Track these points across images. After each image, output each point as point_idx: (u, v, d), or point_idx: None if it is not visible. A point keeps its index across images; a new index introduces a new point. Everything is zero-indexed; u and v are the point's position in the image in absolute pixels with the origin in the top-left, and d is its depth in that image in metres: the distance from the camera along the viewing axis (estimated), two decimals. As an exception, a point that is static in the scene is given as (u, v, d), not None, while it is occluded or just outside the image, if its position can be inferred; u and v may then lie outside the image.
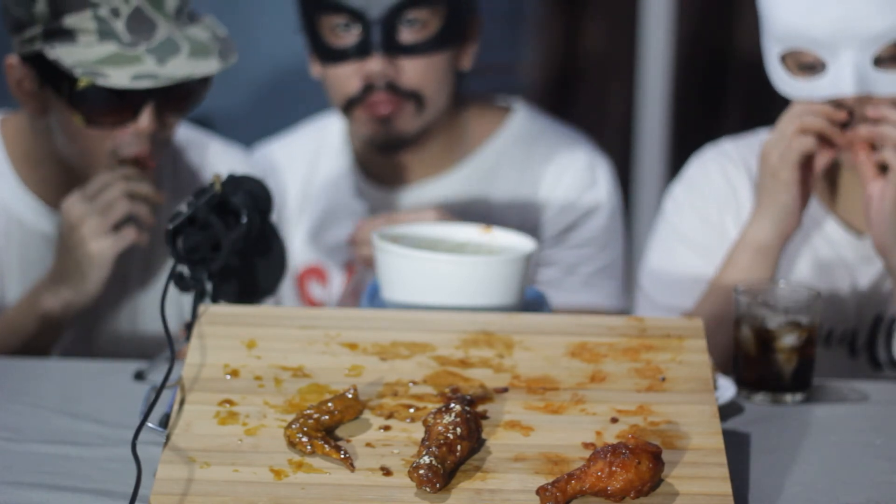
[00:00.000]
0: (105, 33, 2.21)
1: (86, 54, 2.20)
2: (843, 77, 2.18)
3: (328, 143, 2.75)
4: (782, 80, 2.26)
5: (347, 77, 2.54)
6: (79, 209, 2.22)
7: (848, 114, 2.22)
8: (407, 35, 2.52)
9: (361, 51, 2.51)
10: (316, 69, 2.61)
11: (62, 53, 2.20)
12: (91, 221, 2.21)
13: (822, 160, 2.25)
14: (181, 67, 2.21)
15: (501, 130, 2.70)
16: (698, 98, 4.04)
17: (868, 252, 2.34)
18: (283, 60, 3.71)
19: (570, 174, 2.68)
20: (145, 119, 2.26)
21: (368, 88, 2.53)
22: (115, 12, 2.21)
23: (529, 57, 4.24)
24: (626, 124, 4.10)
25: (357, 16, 2.50)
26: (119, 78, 2.19)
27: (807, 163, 2.24)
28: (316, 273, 2.74)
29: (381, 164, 2.67)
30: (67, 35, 2.21)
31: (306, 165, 2.76)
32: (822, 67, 2.20)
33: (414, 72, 2.53)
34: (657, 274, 2.45)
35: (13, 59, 2.28)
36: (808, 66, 2.22)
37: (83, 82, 2.20)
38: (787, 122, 2.24)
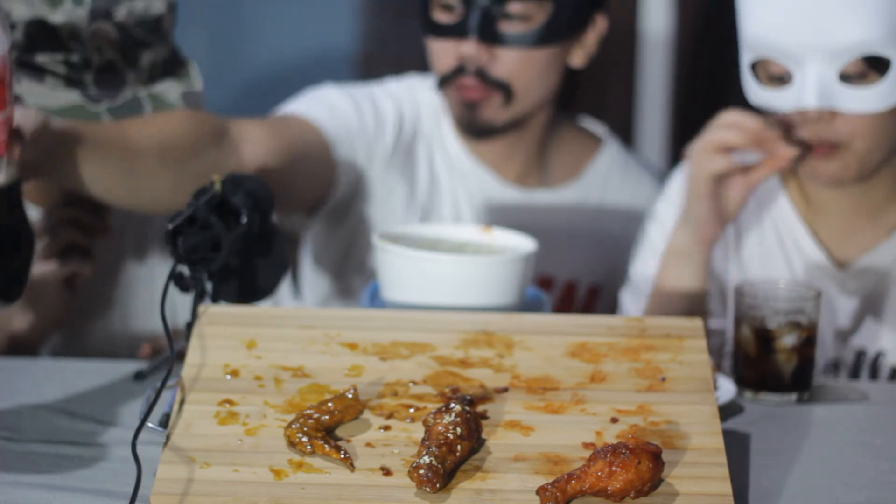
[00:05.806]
0: (72, 81, 2.18)
1: (49, 99, 2.16)
2: (807, 89, 2.17)
3: (423, 103, 2.69)
4: (752, 90, 2.25)
5: (444, 53, 2.55)
6: None
7: (783, 130, 2.21)
8: (507, 25, 2.52)
9: (458, 31, 2.53)
10: (427, 38, 2.61)
11: (27, 91, 2.17)
12: (36, 246, 2.19)
13: (758, 175, 2.24)
14: None
15: (599, 155, 2.73)
16: (700, 94, 4.04)
17: (848, 285, 2.33)
18: (280, 55, 3.71)
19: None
20: None
21: (460, 70, 2.54)
22: (87, 63, 2.18)
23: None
24: (627, 121, 4.10)
25: None
26: None
27: (722, 178, 2.24)
28: None
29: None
30: (37, 72, 2.17)
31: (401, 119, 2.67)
32: (790, 79, 2.20)
33: (507, 63, 2.53)
34: (641, 291, 2.44)
35: None
36: (777, 76, 2.21)
37: None
38: (708, 133, 2.24)
